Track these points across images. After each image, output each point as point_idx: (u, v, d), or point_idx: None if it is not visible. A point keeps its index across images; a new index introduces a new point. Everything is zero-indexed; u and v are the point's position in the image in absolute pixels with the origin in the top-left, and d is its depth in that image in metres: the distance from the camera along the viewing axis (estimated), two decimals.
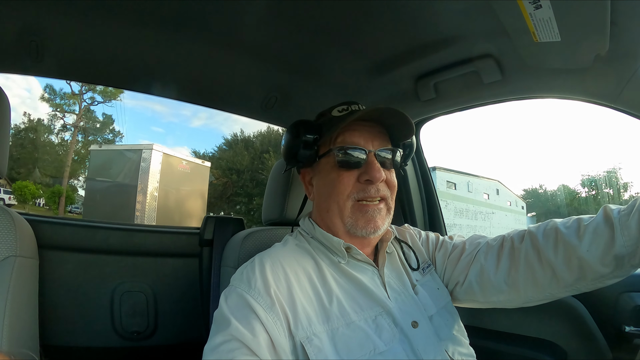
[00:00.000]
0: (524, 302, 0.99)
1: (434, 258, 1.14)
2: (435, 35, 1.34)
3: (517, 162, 49.10)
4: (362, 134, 1.00)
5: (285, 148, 1.08)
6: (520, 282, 0.95)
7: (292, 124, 1.06)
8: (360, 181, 0.97)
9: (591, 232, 0.86)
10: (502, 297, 1.00)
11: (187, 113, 41.97)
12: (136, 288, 1.80)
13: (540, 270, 0.92)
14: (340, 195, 0.97)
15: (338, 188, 0.97)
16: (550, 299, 0.96)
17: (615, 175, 12.46)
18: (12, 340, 1.09)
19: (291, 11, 1.27)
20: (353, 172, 0.98)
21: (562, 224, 0.93)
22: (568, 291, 0.93)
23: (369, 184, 0.97)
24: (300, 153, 1.03)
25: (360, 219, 0.97)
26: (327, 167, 1.01)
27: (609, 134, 31.80)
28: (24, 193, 20.24)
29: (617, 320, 1.30)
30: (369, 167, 0.96)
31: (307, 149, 1.02)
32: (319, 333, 0.83)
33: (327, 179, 1.01)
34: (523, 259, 0.95)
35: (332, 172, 0.99)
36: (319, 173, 1.05)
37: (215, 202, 21.98)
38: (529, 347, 1.47)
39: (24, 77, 18.19)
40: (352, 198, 0.97)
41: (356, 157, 0.97)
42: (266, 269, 0.90)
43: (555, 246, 0.90)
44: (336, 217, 0.99)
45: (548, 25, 1.00)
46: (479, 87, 1.49)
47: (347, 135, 1.00)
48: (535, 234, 0.96)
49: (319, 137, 1.03)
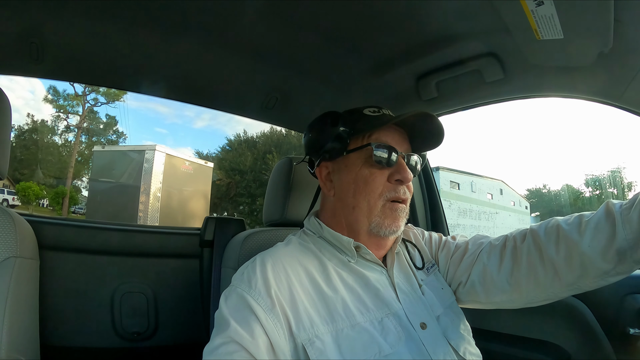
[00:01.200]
0: (527, 302, 0.98)
1: (436, 258, 1.13)
2: (436, 34, 1.33)
3: (520, 161, 49.01)
4: (394, 137, 1.00)
5: (313, 138, 1.06)
6: (523, 281, 0.94)
7: (325, 114, 1.05)
8: (390, 181, 0.97)
9: (592, 228, 0.85)
10: (504, 297, 0.99)
11: (190, 114, 42.21)
12: (136, 289, 1.79)
13: (542, 269, 0.91)
14: (372, 193, 0.96)
15: (371, 185, 0.97)
16: (553, 298, 0.95)
17: (619, 174, 12.43)
18: (12, 341, 1.09)
19: (291, 11, 1.27)
20: (384, 171, 0.97)
21: (563, 221, 0.92)
22: (570, 290, 0.91)
23: (399, 185, 0.97)
24: (329, 144, 1.01)
25: (389, 217, 0.96)
26: (358, 163, 0.99)
27: (613, 133, 31.73)
28: (27, 194, 20.35)
29: (621, 322, 1.29)
30: (401, 168, 0.97)
31: (337, 141, 1.00)
32: (322, 334, 0.82)
33: (357, 175, 0.99)
34: (525, 258, 0.94)
35: (364, 169, 0.98)
36: (345, 168, 1.02)
37: (219, 203, 22.06)
38: (532, 349, 1.46)
39: (28, 78, 18.40)
40: (384, 197, 0.96)
41: (391, 157, 0.97)
42: (267, 269, 0.89)
43: (557, 243, 0.89)
44: (363, 215, 0.98)
45: (550, 23, 0.99)
46: (481, 85, 1.47)
47: (381, 134, 0.99)
48: (537, 232, 0.95)
49: (353, 131, 1.01)
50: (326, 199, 1.09)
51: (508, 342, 1.53)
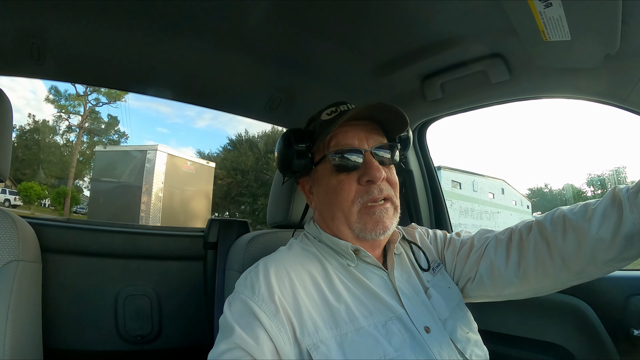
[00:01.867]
0: (536, 293, 0.98)
1: (442, 256, 1.12)
2: (442, 35, 1.32)
3: (522, 161, 48.94)
4: (356, 134, 0.98)
5: (278, 159, 1.07)
6: (531, 273, 0.94)
7: (283, 134, 1.05)
8: (361, 183, 0.94)
9: (600, 214, 0.84)
10: (513, 289, 0.99)
11: (191, 114, 42.20)
12: (140, 291, 1.78)
13: (549, 260, 0.90)
14: (344, 202, 0.95)
15: (341, 195, 0.95)
16: (561, 287, 0.95)
17: (622, 174, 12.40)
18: (15, 345, 1.08)
19: (295, 12, 1.26)
20: (352, 174, 0.95)
21: (569, 211, 0.91)
22: (579, 278, 0.91)
23: (370, 185, 0.94)
24: (294, 163, 1.01)
25: (369, 222, 0.94)
26: (325, 174, 0.99)
27: (615, 132, 31.65)
28: (29, 194, 20.35)
29: (625, 324, 1.29)
30: (368, 167, 0.94)
31: (301, 158, 1.01)
32: (326, 339, 0.82)
33: (328, 186, 0.98)
34: (532, 250, 0.94)
35: (332, 178, 0.97)
36: (317, 181, 1.03)
37: (220, 203, 22.05)
38: (536, 350, 1.46)
39: (29, 79, 18.44)
40: (357, 203, 0.94)
41: (353, 159, 0.95)
42: (270, 274, 0.88)
43: (563, 233, 0.89)
44: (342, 224, 0.97)
45: (558, 24, 0.98)
46: (487, 87, 1.47)
47: (340, 137, 0.97)
48: (543, 223, 0.94)
49: (312, 144, 1.01)
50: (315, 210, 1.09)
51: (512, 343, 1.52)
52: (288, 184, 1.34)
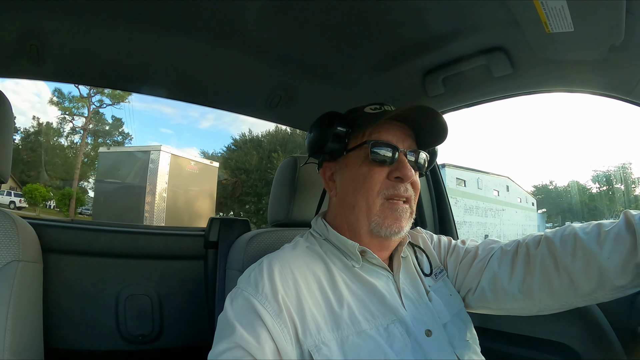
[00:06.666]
0: (539, 311, 0.97)
1: (445, 263, 1.11)
2: (443, 29, 1.30)
3: (527, 158, 48.77)
4: (395, 133, 0.98)
5: (313, 139, 1.05)
6: (536, 290, 0.92)
7: (323, 115, 1.05)
8: (390, 178, 0.95)
9: (612, 239, 0.82)
10: (516, 305, 0.98)
11: (195, 114, 42.29)
12: (141, 291, 1.78)
13: (556, 278, 0.89)
14: (370, 191, 0.95)
15: (368, 183, 0.95)
16: (566, 307, 0.93)
17: (627, 170, 12.35)
18: (16, 345, 1.08)
19: (295, 8, 1.26)
20: (384, 168, 0.95)
21: (581, 230, 0.89)
22: (586, 300, 0.89)
23: (398, 182, 0.95)
24: (328, 145, 1.00)
25: (389, 216, 0.94)
26: (357, 161, 0.98)
27: (621, 128, 31.49)
28: (34, 196, 20.45)
29: (632, 322, 1.26)
30: (401, 165, 0.95)
31: (336, 141, 1.00)
32: (328, 341, 0.81)
33: (357, 173, 0.98)
34: (539, 266, 0.92)
35: (363, 167, 0.97)
36: (345, 167, 1.02)
37: (225, 202, 22.13)
38: (541, 350, 1.44)
39: (34, 82, 18.48)
40: (381, 195, 0.95)
41: (390, 154, 0.95)
42: (275, 273, 0.87)
43: (573, 253, 0.87)
44: (362, 214, 0.96)
45: (561, 15, 0.96)
46: (489, 81, 1.45)
47: (381, 131, 0.98)
48: (552, 239, 0.92)
49: (351, 130, 1.00)
50: (330, 200, 1.08)
51: (517, 342, 1.51)
52: (289, 183, 1.33)
